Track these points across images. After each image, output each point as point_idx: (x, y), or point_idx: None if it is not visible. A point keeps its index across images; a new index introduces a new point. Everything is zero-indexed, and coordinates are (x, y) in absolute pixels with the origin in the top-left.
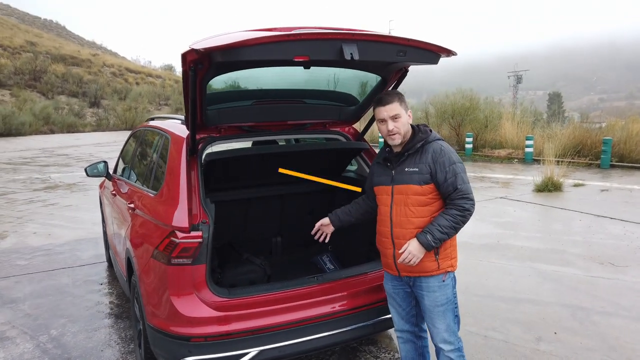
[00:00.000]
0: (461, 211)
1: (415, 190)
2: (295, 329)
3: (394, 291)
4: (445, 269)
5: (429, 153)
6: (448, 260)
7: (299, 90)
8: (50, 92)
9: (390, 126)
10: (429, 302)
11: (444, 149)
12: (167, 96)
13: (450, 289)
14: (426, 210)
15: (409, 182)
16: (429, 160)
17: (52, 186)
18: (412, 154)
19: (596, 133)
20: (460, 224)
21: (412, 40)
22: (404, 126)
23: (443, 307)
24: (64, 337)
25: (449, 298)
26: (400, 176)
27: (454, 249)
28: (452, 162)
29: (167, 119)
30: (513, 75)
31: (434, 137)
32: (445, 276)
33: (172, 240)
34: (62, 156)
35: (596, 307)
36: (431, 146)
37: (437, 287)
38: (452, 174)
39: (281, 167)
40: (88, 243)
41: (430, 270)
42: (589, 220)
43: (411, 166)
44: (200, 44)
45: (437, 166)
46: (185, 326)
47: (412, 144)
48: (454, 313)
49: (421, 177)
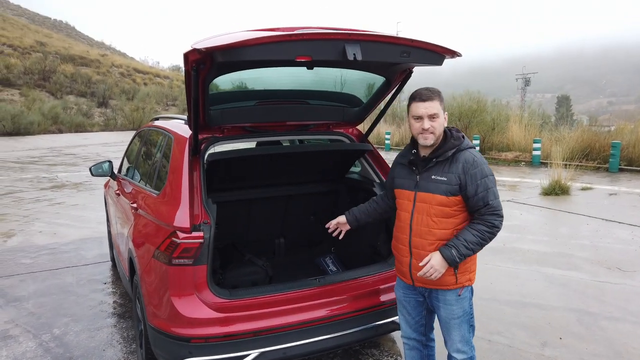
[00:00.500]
0: (490, 227)
1: (441, 201)
2: (296, 331)
3: (405, 299)
4: (463, 283)
5: (460, 162)
6: (467, 274)
7: (302, 90)
8: (59, 92)
9: (426, 124)
10: (445, 314)
11: (476, 159)
12: (174, 97)
13: (467, 302)
14: (449, 222)
15: (435, 191)
16: (459, 171)
17: (59, 185)
18: (442, 162)
19: (605, 136)
20: (486, 241)
21: (416, 41)
22: (440, 127)
23: (459, 320)
24: (67, 336)
25: (465, 310)
26: (425, 183)
27: (473, 263)
28: (485, 174)
29: (171, 119)
30: (521, 77)
31: (466, 144)
32: (462, 290)
33: (173, 240)
34: (70, 155)
35: (603, 312)
36: (463, 155)
37: (454, 300)
38: (484, 187)
39: (284, 168)
40: (93, 242)
41: (447, 284)
42: (597, 224)
43: (439, 174)
44: (202, 43)
45: (468, 178)
46: (186, 327)
47: (442, 150)
48: (469, 324)
49: (449, 188)
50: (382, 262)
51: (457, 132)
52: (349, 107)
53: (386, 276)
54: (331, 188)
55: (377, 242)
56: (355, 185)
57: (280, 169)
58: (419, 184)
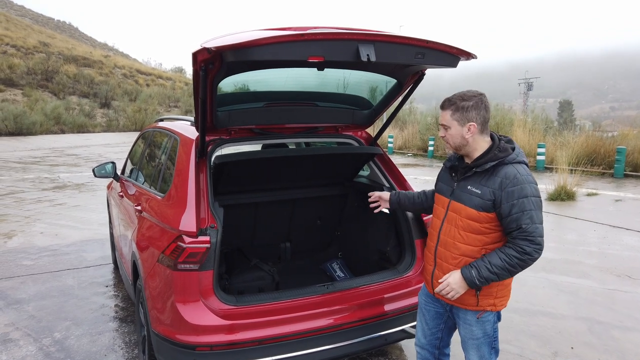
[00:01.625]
0: (520, 254)
1: (470, 215)
2: (304, 340)
3: (426, 307)
4: (484, 307)
5: (499, 177)
6: (490, 299)
7: (311, 92)
8: (61, 92)
9: (441, 132)
10: (464, 332)
11: (518, 176)
12: (177, 98)
13: (491, 325)
14: (477, 239)
15: (467, 203)
16: (495, 186)
17: (61, 186)
18: (480, 173)
19: (610, 142)
20: (515, 268)
21: (432, 42)
22: (453, 138)
23: (477, 341)
24: (68, 340)
25: (486, 333)
26: (460, 193)
27: (502, 289)
28: (524, 194)
29: (176, 120)
30: (524, 82)
31: (513, 158)
32: (481, 314)
33: (178, 244)
34: (72, 156)
35: (614, 321)
36: (504, 169)
37: (474, 321)
38: (520, 209)
39: (291, 171)
40: (95, 244)
41: (467, 304)
42: (604, 230)
43: (475, 186)
44: (212, 42)
45: (504, 195)
46: (191, 334)
47: (483, 160)
48: (490, 346)
49: (481, 203)
50: (392, 269)
51: (508, 143)
52: (358, 110)
53: (396, 284)
54: (339, 192)
55: (386, 247)
56: (363, 190)
57: (287, 172)
58: (454, 192)
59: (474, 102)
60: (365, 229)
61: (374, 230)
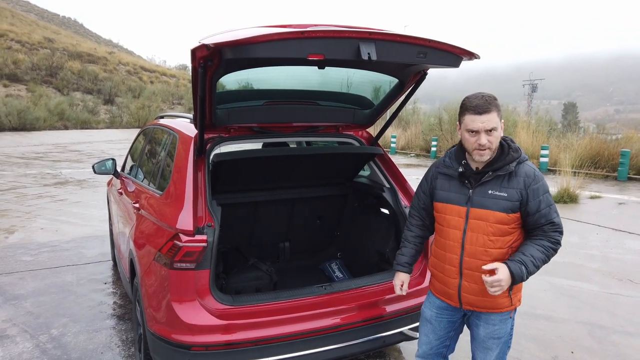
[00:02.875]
0: (554, 244)
1: (500, 219)
2: (301, 341)
3: (437, 319)
4: (515, 304)
5: (520, 177)
6: (518, 294)
7: (311, 91)
8: (65, 88)
9: (483, 140)
10: (484, 333)
11: (537, 174)
12: (180, 95)
13: (511, 322)
14: (506, 240)
15: (494, 208)
16: (520, 186)
17: (63, 182)
18: (501, 176)
19: (614, 145)
20: (549, 259)
21: (434, 41)
22: (497, 141)
23: (500, 340)
24: (65, 337)
25: (507, 332)
26: (481, 199)
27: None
28: (546, 190)
29: (176, 117)
30: (528, 83)
31: (524, 157)
32: (513, 312)
33: (175, 243)
34: (75, 152)
35: (615, 325)
36: (523, 168)
37: (499, 320)
38: (546, 204)
39: (291, 170)
40: (94, 241)
41: (502, 307)
42: (607, 234)
43: (497, 189)
44: (211, 39)
45: (530, 193)
46: (186, 334)
47: (503, 163)
48: (507, 345)
49: (509, 205)
50: (391, 271)
51: (514, 143)
52: (359, 109)
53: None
54: (339, 192)
55: (386, 249)
56: (363, 190)
57: (287, 171)
58: (472, 199)
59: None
60: (365, 229)
61: (373, 231)
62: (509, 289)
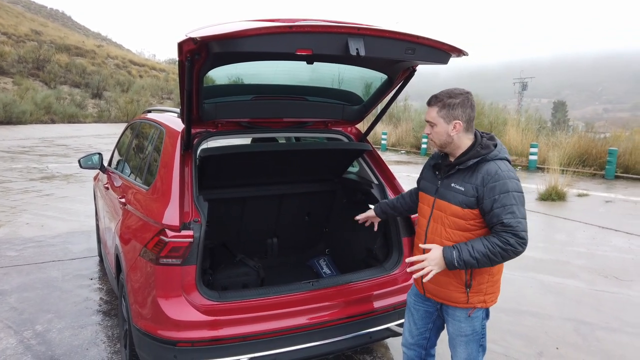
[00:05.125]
0: (503, 244)
1: (455, 212)
2: (288, 337)
3: (414, 307)
4: (475, 304)
5: (480, 174)
6: (481, 296)
7: (300, 86)
8: (52, 81)
9: (427, 129)
10: (453, 329)
11: (500, 172)
12: (170, 90)
13: (479, 322)
14: (464, 236)
15: (451, 200)
16: (477, 182)
17: (49, 176)
18: (463, 170)
19: (601, 143)
20: (497, 257)
21: (422, 37)
22: (438, 136)
23: (466, 338)
24: (49, 333)
25: (475, 330)
26: (444, 191)
27: (492, 285)
28: (505, 190)
29: (164, 111)
30: (518, 82)
31: (495, 155)
32: (472, 311)
33: (161, 238)
34: (62, 146)
35: (600, 322)
36: (486, 166)
37: (463, 318)
38: (501, 204)
39: (279, 166)
40: (81, 236)
41: (457, 301)
42: (593, 231)
43: (458, 183)
44: (198, 32)
45: (486, 192)
46: (172, 330)
47: (466, 157)
48: (478, 344)
49: (464, 199)
50: (378, 267)
51: (490, 140)
52: (348, 105)
53: (382, 281)
54: (327, 188)
55: (374, 245)
56: (352, 186)
57: (275, 167)
58: (439, 190)
59: (460, 100)
60: (353, 226)
61: (361, 228)
62: (465, 286)
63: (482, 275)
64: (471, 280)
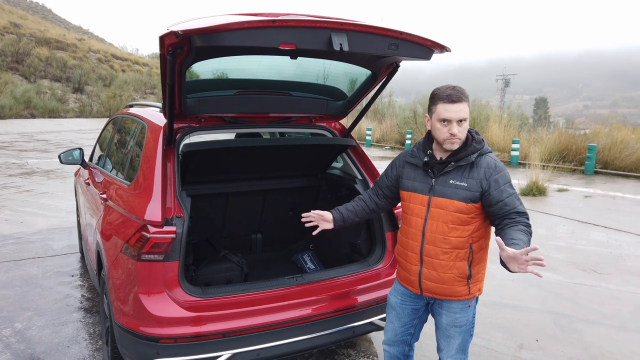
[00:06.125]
0: (528, 227)
1: (459, 208)
2: (272, 332)
3: (401, 306)
4: (474, 293)
5: (481, 168)
6: (478, 284)
7: (284, 82)
8: (32, 75)
9: (454, 129)
10: (447, 321)
11: (498, 164)
12: (153, 85)
13: (472, 310)
14: (465, 229)
15: (454, 197)
16: (480, 176)
17: (29, 172)
18: (462, 166)
19: (581, 139)
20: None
21: (405, 33)
22: (465, 131)
23: (461, 329)
24: (29, 331)
25: (469, 320)
26: (442, 188)
27: (483, 273)
28: (507, 180)
29: (147, 106)
30: (501, 78)
31: (487, 149)
32: (472, 301)
33: (143, 234)
34: (42, 142)
35: (579, 314)
36: (485, 160)
37: (460, 309)
38: (509, 193)
39: (263, 161)
40: (61, 232)
41: (460, 295)
42: (573, 225)
43: (458, 179)
44: (180, 26)
45: (492, 184)
46: (154, 326)
47: (465, 153)
48: (469, 333)
49: (468, 194)
50: (362, 262)
51: (478, 135)
52: (332, 101)
53: (365, 276)
54: (311, 183)
55: (357, 240)
56: (336, 181)
57: (259, 162)
58: (435, 188)
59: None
60: None
61: None
62: (467, 278)
63: (480, 264)
64: (471, 270)
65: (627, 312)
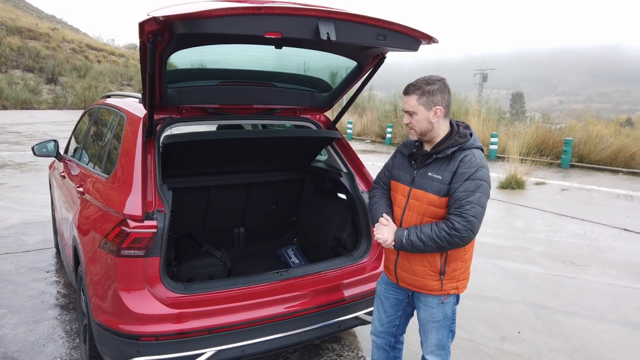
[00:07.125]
0: (449, 229)
1: (432, 201)
2: (256, 328)
3: (385, 295)
4: (448, 291)
5: (456, 161)
6: (454, 282)
7: (268, 72)
8: (4, 65)
9: (405, 119)
10: (424, 315)
11: (473, 160)
12: (130, 76)
13: (450, 307)
14: None
15: (428, 189)
16: (453, 169)
17: (1, 165)
18: (441, 159)
19: (558, 133)
20: (442, 242)
21: (393, 23)
22: (419, 124)
23: (438, 324)
24: (2, 329)
25: (447, 316)
26: (421, 180)
27: (464, 271)
28: (475, 177)
29: (125, 96)
30: (479, 73)
31: (471, 144)
32: (446, 297)
33: (122, 229)
34: (14, 134)
35: (559, 306)
36: (462, 154)
37: (435, 304)
38: (464, 188)
39: (246, 154)
40: (36, 227)
41: (431, 289)
42: (551, 218)
43: (435, 172)
44: (161, 12)
45: (456, 177)
46: (134, 324)
47: (444, 146)
48: (449, 329)
49: (441, 187)
50: (347, 256)
51: (466, 129)
52: (317, 92)
53: (351, 270)
54: (295, 176)
55: (342, 234)
56: (321, 174)
57: (242, 155)
58: (415, 179)
59: (438, 86)
60: (322, 214)
61: (330, 217)
62: (440, 273)
63: (456, 262)
64: (445, 267)
65: (605, 303)
